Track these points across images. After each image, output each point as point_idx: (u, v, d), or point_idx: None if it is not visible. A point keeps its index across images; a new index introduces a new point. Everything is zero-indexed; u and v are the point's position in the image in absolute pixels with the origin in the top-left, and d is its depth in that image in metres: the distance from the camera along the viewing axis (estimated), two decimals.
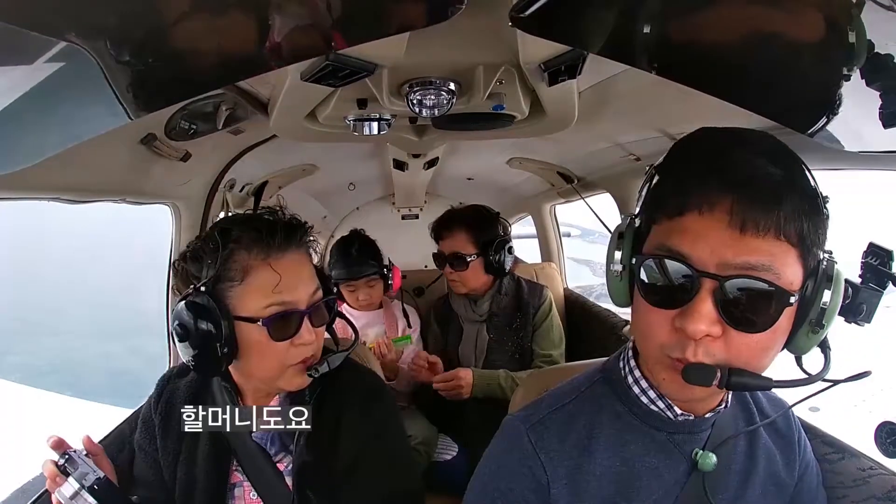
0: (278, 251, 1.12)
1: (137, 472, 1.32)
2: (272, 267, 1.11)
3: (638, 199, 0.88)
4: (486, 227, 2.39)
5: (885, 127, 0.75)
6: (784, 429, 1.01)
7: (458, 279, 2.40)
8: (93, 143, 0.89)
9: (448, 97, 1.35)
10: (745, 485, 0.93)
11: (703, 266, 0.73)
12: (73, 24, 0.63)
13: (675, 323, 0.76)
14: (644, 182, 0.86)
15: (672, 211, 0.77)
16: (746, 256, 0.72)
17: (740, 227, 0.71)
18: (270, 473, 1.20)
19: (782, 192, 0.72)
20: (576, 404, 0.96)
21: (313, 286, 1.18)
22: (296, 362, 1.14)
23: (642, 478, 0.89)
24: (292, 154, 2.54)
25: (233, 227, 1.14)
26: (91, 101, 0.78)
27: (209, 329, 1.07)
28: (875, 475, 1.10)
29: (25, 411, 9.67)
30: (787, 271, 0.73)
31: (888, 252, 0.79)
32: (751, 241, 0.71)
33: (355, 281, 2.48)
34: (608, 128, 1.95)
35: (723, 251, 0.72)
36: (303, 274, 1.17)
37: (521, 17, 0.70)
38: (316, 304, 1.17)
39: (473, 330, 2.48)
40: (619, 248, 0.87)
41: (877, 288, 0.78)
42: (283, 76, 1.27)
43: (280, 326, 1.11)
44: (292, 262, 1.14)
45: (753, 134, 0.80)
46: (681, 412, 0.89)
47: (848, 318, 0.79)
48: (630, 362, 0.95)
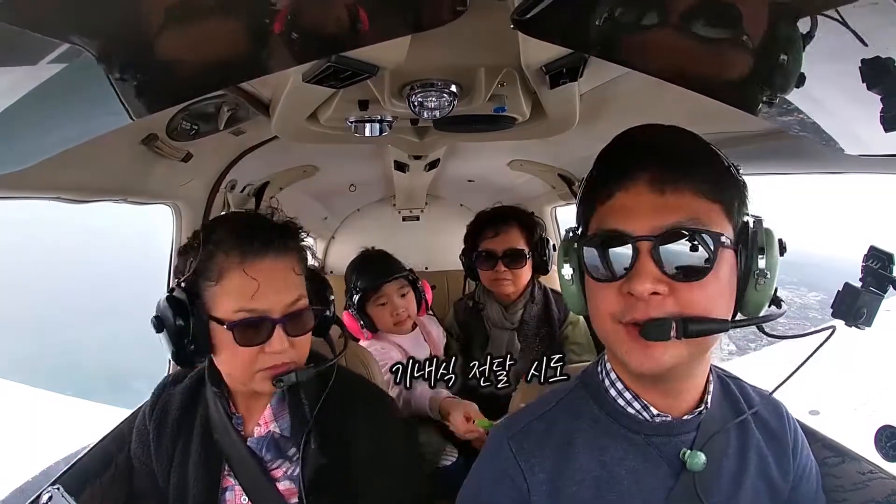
0: (254, 256, 1.11)
1: (137, 483, 1.33)
2: (246, 272, 1.10)
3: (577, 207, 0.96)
4: (535, 223, 2.35)
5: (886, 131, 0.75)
6: (778, 430, 1.00)
7: (512, 277, 2.29)
8: (94, 144, 0.89)
9: (449, 99, 1.35)
10: (737, 486, 0.93)
11: (637, 233, 0.80)
12: (75, 26, 0.64)
13: (622, 290, 0.82)
14: (579, 191, 0.96)
15: (602, 197, 0.86)
16: (673, 216, 0.79)
17: (661, 191, 0.80)
18: (262, 479, 1.20)
19: (692, 158, 0.84)
20: (555, 411, 0.98)
21: (293, 295, 1.15)
22: (265, 367, 1.13)
23: (622, 482, 0.90)
24: (293, 155, 2.54)
25: (217, 228, 1.16)
26: (93, 102, 0.78)
27: (180, 324, 1.10)
28: (875, 479, 1.10)
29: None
30: (714, 224, 0.80)
31: (889, 255, 0.79)
32: (672, 200, 0.80)
33: (387, 284, 2.18)
34: (609, 130, 1.93)
35: (650, 216, 0.80)
36: (280, 281, 1.14)
37: (522, 20, 0.71)
38: (294, 312, 1.14)
39: (503, 337, 2.38)
40: (566, 257, 0.93)
41: (877, 292, 0.78)
42: (285, 77, 1.28)
43: (247, 333, 1.10)
44: (269, 268, 1.12)
45: (664, 126, 0.90)
46: (657, 413, 0.90)
47: (848, 321, 0.79)
48: (607, 365, 0.97)
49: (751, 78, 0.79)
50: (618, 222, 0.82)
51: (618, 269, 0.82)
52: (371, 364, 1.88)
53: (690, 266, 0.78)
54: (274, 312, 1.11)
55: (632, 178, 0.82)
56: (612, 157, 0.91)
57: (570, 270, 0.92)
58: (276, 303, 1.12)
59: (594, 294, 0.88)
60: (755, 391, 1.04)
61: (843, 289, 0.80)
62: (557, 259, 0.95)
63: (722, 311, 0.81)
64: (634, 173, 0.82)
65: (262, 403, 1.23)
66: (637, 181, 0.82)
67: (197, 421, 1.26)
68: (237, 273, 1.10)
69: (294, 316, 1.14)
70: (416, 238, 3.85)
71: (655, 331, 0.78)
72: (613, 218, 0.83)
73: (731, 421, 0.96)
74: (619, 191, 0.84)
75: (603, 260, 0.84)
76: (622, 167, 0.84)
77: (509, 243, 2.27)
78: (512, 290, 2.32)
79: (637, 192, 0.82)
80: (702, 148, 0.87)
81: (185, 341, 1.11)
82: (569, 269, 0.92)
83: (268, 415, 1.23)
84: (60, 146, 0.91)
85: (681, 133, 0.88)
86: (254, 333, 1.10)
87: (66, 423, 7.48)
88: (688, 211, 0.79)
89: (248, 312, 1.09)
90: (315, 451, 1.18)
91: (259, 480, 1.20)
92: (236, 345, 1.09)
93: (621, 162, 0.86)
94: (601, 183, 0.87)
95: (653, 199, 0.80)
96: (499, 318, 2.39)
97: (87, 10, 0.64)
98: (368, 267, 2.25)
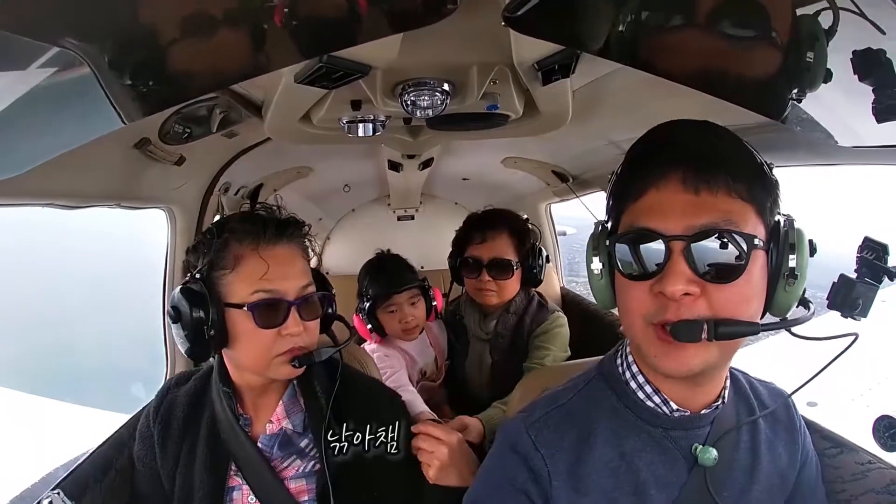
0: (268, 242, 1.16)
1: (138, 486, 1.33)
2: (261, 256, 1.14)
3: (607, 201, 0.95)
4: (527, 232, 2.17)
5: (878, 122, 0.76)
6: (786, 422, 1.01)
7: (497, 289, 2.11)
8: (86, 148, 0.88)
9: (442, 98, 1.35)
10: (749, 481, 0.93)
11: (671, 232, 0.79)
12: (66, 30, 0.63)
13: (653, 290, 0.81)
14: (608, 186, 0.94)
15: (634, 194, 0.85)
16: (707, 215, 0.78)
17: (694, 191, 0.79)
18: (270, 478, 1.20)
19: (726, 156, 0.82)
20: (574, 402, 0.98)
21: (304, 280, 1.20)
22: (283, 352, 1.15)
23: (640, 473, 0.90)
24: (287, 156, 2.54)
25: (230, 220, 1.21)
26: (84, 106, 0.77)
27: (199, 314, 1.11)
28: (874, 469, 1.10)
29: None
30: (747, 225, 0.79)
31: (883, 246, 0.79)
32: (706, 200, 0.78)
33: (398, 294, 2.10)
34: (602, 126, 1.96)
35: (684, 216, 0.79)
36: (292, 266, 1.19)
37: (513, 17, 0.71)
38: (306, 296, 1.19)
39: (479, 349, 2.24)
40: (595, 250, 0.92)
41: (872, 282, 0.78)
42: (277, 79, 1.27)
43: (265, 313, 1.13)
44: (282, 253, 1.18)
45: (696, 122, 0.87)
46: (677, 408, 0.90)
47: (844, 312, 0.79)
48: (628, 357, 0.96)
49: (742, 71, 0.79)
50: (650, 220, 0.81)
51: (649, 266, 0.81)
52: (369, 366, 1.88)
53: (723, 267, 0.78)
54: (289, 294, 1.16)
55: (665, 177, 0.81)
56: (646, 154, 0.88)
57: (599, 265, 0.92)
58: (291, 286, 1.16)
59: (625, 292, 0.87)
60: (761, 384, 1.05)
61: (839, 280, 0.80)
62: (586, 252, 0.95)
63: (752, 313, 0.81)
64: (668, 172, 0.81)
65: (272, 401, 1.25)
66: (670, 180, 0.80)
67: (203, 422, 1.26)
68: (253, 257, 1.14)
69: (307, 299, 1.19)
70: (411, 237, 3.85)
71: (686, 332, 0.77)
72: (646, 216, 0.82)
73: (744, 416, 0.97)
74: (651, 188, 0.82)
75: (635, 257, 0.83)
76: (656, 164, 0.83)
77: (496, 252, 2.10)
78: (496, 301, 2.15)
79: (670, 190, 0.80)
80: (736, 145, 0.85)
81: (203, 330, 1.12)
82: (598, 263, 0.92)
83: (280, 411, 1.24)
84: (53, 152, 0.90)
85: (715, 130, 0.86)
86: (273, 314, 1.14)
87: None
88: (722, 211, 0.78)
89: (265, 293, 1.13)
90: (332, 443, 1.21)
91: (267, 480, 1.21)
92: (256, 328, 1.12)
93: (655, 159, 0.84)
94: (633, 179, 0.86)
95: (686, 198, 0.79)
96: (475, 329, 2.25)
97: (78, 14, 0.64)
98: (381, 275, 2.16)
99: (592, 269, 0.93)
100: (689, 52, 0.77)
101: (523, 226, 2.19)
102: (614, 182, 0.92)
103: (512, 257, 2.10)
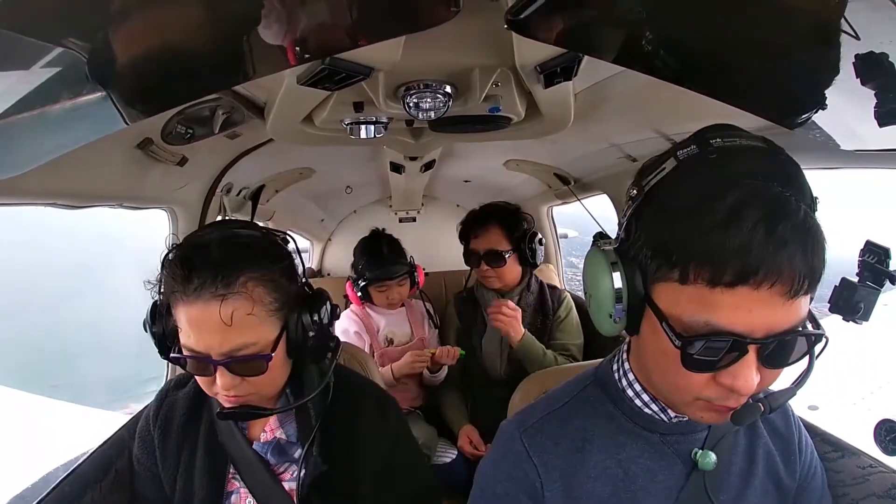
0: (188, 297, 1.02)
1: (139, 488, 1.33)
2: (182, 310, 1.04)
3: (631, 225, 0.81)
4: (517, 221, 2.41)
5: (881, 126, 0.76)
6: (783, 429, 1.00)
7: (495, 275, 2.40)
8: (89, 148, 0.89)
9: (444, 100, 1.35)
10: (745, 485, 0.93)
11: (752, 335, 0.70)
12: (69, 30, 0.63)
13: (717, 379, 0.74)
14: (646, 213, 0.79)
15: (714, 280, 0.69)
16: (790, 320, 0.71)
17: (792, 299, 0.69)
18: (269, 481, 1.20)
19: (824, 261, 0.71)
20: (569, 408, 0.97)
21: (235, 341, 1.03)
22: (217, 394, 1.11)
23: (637, 480, 0.90)
24: (289, 157, 2.54)
25: (180, 248, 1.09)
26: (87, 106, 0.78)
27: (156, 331, 1.13)
28: (875, 473, 1.10)
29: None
30: (809, 317, 0.75)
31: (885, 250, 0.79)
32: (794, 306, 0.70)
33: (390, 281, 2.55)
34: (604, 129, 1.96)
35: (772, 322, 0.70)
36: (215, 326, 1.01)
37: (516, 20, 0.71)
38: (237, 357, 1.04)
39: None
40: (618, 297, 0.79)
41: (874, 286, 0.78)
42: (280, 80, 1.27)
43: (192, 364, 1.07)
44: (200, 313, 1.02)
45: (806, 218, 0.70)
46: (675, 415, 0.90)
47: (845, 316, 0.79)
48: (624, 365, 0.95)
49: (745, 74, 0.79)
50: (735, 323, 0.69)
51: (718, 364, 0.73)
52: (369, 365, 1.89)
53: (790, 361, 0.75)
54: (212, 353, 1.03)
55: (768, 281, 0.67)
56: (751, 245, 0.67)
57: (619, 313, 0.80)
58: (213, 347, 1.03)
59: (676, 372, 0.76)
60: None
61: (841, 283, 0.80)
62: (599, 288, 0.81)
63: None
64: (773, 277, 0.67)
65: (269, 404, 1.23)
66: (774, 286, 0.67)
67: (202, 426, 1.26)
68: (180, 307, 1.04)
69: (239, 360, 1.05)
70: (412, 239, 3.85)
71: (749, 416, 0.75)
72: (729, 317, 0.70)
73: None
74: (745, 286, 0.68)
75: (703, 356, 0.72)
76: (763, 262, 0.67)
77: (489, 244, 2.38)
78: (498, 285, 2.43)
79: (771, 293, 0.68)
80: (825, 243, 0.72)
81: (164, 348, 1.13)
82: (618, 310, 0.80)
83: (273, 422, 1.23)
84: (55, 152, 0.90)
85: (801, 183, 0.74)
86: (200, 366, 1.06)
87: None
88: (804, 310, 0.72)
89: (188, 350, 1.05)
90: (317, 456, 1.18)
91: (266, 482, 1.20)
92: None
93: (765, 256, 0.66)
94: (721, 260, 0.68)
95: (780, 305, 0.69)
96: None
97: (80, 15, 0.64)
98: (377, 261, 2.54)
99: (610, 314, 0.81)
100: (692, 54, 0.77)
101: (514, 216, 2.44)
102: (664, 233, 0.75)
103: (504, 247, 2.37)
